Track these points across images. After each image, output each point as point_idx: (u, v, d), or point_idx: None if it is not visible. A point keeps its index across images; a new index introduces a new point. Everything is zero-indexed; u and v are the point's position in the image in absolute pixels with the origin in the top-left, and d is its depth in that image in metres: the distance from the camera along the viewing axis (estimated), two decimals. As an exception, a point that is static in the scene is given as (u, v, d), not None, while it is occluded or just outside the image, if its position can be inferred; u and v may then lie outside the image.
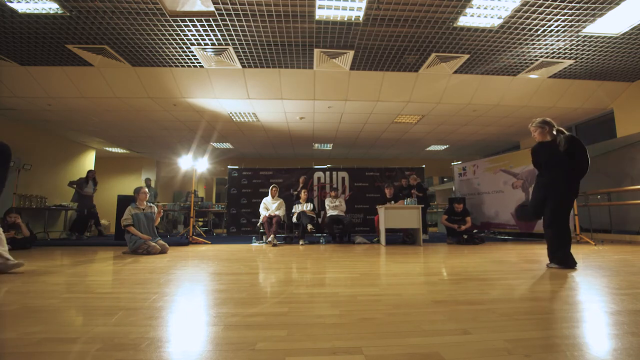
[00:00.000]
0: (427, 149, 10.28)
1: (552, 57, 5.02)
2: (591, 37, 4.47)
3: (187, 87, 5.72)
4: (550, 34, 4.37)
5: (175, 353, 1.13)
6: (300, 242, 5.76)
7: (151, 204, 4.73)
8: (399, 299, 1.83)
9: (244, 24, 4.12)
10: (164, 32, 4.29)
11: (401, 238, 5.86)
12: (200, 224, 9.91)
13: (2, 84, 5.50)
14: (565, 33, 4.36)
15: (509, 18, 4.03)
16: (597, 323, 1.43)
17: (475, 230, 6.73)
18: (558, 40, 4.54)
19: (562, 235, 2.85)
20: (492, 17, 4.02)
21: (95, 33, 4.30)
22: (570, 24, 4.14)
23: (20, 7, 3.77)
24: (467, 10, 3.88)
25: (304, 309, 1.63)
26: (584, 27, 4.23)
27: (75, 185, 7.30)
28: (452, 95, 6.12)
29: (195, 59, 5.01)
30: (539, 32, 4.34)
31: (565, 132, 2.97)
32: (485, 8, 3.85)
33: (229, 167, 7.68)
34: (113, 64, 5.09)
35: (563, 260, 2.82)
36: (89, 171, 7.54)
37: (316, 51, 4.77)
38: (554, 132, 2.98)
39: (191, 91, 5.82)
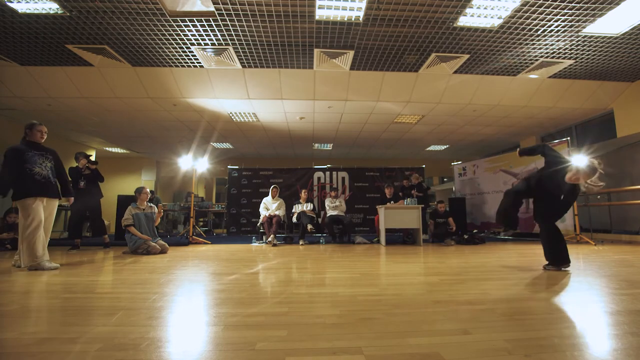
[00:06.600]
0: (427, 149, 10.28)
1: (552, 57, 5.02)
2: (591, 37, 4.47)
3: (187, 87, 5.71)
4: (550, 34, 4.37)
5: (175, 353, 1.12)
6: (300, 242, 5.75)
7: (151, 204, 4.73)
8: (399, 299, 1.83)
9: (244, 24, 4.12)
10: (164, 32, 4.29)
11: (401, 238, 5.86)
12: (201, 224, 9.91)
13: (2, 84, 5.50)
14: (565, 33, 4.36)
15: (509, 18, 4.03)
16: (597, 323, 1.43)
17: (475, 231, 6.73)
18: (558, 40, 4.54)
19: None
20: (492, 17, 4.02)
21: (95, 33, 4.30)
22: (570, 24, 4.14)
23: (20, 7, 3.77)
24: (467, 10, 3.88)
25: (304, 309, 1.63)
26: (584, 27, 4.23)
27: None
28: (452, 95, 6.11)
29: (195, 59, 5.01)
30: (539, 32, 4.34)
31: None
32: (485, 8, 3.84)
33: (229, 167, 7.68)
34: (113, 64, 5.09)
35: (557, 260, 2.79)
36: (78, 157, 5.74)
37: (316, 51, 4.77)
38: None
39: (191, 91, 5.81)
